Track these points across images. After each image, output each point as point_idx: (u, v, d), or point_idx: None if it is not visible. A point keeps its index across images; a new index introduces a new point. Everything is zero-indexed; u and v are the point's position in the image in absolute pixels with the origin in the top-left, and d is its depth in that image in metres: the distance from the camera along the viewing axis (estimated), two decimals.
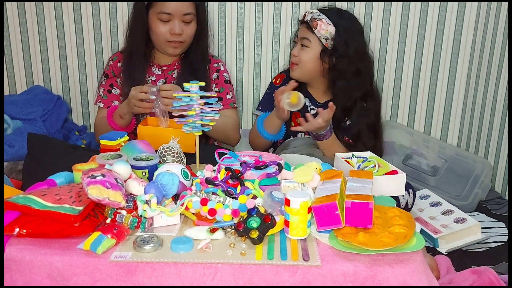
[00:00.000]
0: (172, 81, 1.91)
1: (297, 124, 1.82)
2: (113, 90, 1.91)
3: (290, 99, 1.64)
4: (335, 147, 1.77)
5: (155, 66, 1.93)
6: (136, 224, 1.10)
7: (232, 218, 1.11)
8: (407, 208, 1.55)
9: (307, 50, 1.83)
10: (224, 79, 1.96)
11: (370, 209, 1.05)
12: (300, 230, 1.06)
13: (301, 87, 1.91)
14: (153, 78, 1.91)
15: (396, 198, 1.39)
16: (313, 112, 1.90)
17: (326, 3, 2.11)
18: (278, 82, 1.98)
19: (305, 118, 1.70)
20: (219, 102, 1.89)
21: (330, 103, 1.70)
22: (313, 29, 1.81)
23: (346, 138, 1.86)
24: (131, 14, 1.90)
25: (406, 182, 1.41)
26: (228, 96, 1.95)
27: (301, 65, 1.85)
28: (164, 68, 1.93)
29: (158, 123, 1.61)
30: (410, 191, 1.57)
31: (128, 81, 1.82)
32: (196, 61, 1.89)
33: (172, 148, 1.40)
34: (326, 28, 1.80)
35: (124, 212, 1.11)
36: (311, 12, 1.84)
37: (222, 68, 1.98)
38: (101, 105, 1.90)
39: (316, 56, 1.82)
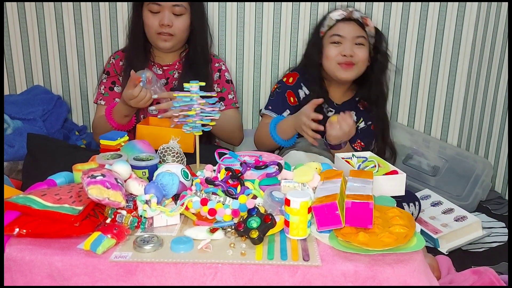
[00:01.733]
0: (174, 82, 1.91)
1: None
2: (115, 88, 1.91)
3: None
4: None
5: (156, 66, 1.93)
6: (136, 224, 1.10)
7: (232, 218, 1.11)
8: None
9: (364, 48, 1.78)
10: (225, 79, 1.96)
11: (370, 209, 1.05)
12: (300, 230, 1.06)
13: (321, 89, 1.85)
14: None
15: (401, 207, 1.38)
16: (330, 114, 1.87)
17: (325, 4, 2.11)
18: (291, 81, 1.88)
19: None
20: (221, 102, 1.90)
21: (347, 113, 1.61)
22: (365, 26, 1.79)
23: (359, 141, 1.85)
24: (130, 14, 1.91)
25: (413, 194, 1.40)
26: (230, 96, 1.95)
27: (360, 64, 1.78)
28: (165, 68, 1.93)
29: (169, 120, 1.60)
30: (416, 203, 1.56)
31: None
32: (197, 61, 1.89)
33: (172, 148, 1.40)
34: (373, 26, 1.82)
35: (124, 212, 1.11)
36: (357, 11, 1.81)
37: (223, 67, 1.97)
38: (102, 102, 1.89)
39: (368, 54, 1.80)
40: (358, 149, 1.85)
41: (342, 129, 1.56)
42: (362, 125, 1.90)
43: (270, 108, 1.86)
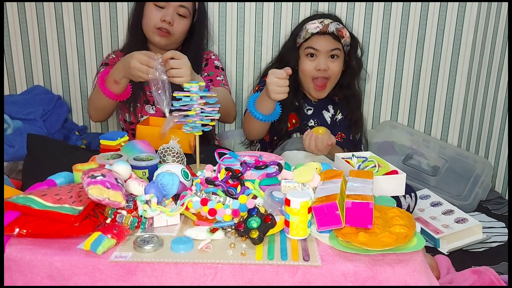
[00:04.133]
0: None
1: (292, 125, 1.88)
2: None
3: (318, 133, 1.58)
4: (335, 150, 1.77)
5: None
6: (136, 224, 1.10)
7: (232, 218, 1.11)
8: (409, 211, 1.55)
9: (338, 60, 1.84)
10: (214, 65, 1.96)
11: (370, 209, 1.05)
12: (300, 230, 1.06)
13: (297, 89, 1.91)
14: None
15: (397, 200, 1.39)
16: (309, 112, 1.92)
17: (325, 4, 2.12)
18: None
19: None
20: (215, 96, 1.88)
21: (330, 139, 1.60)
22: (341, 39, 1.82)
23: (339, 132, 1.93)
24: (132, 8, 1.93)
25: (409, 186, 1.40)
26: (219, 78, 1.92)
27: (333, 78, 1.84)
28: None
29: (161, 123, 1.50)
30: (412, 194, 1.57)
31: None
32: (192, 62, 1.89)
33: (172, 148, 1.39)
34: (348, 36, 1.86)
35: (124, 212, 1.11)
36: (332, 22, 1.82)
37: (212, 57, 1.99)
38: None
39: (342, 65, 1.86)
40: (340, 140, 1.92)
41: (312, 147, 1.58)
42: (339, 116, 1.96)
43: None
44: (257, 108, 1.67)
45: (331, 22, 1.82)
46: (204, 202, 1.12)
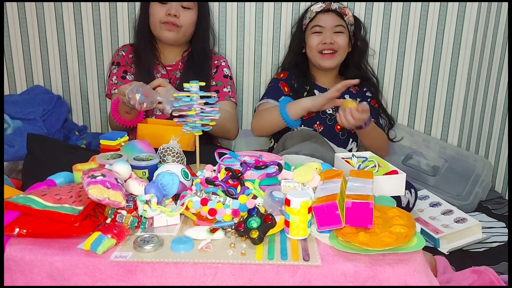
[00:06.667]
0: (176, 81, 1.91)
1: (308, 114, 1.90)
2: (127, 76, 1.92)
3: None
4: (374, 131, 1.82)
5: (161, 66, 1.94)
6: (136, 224, 1.10)
7: (232, 218, 1.11)
8: (408, 208, 1.55)
9: (343, 36, 1.91)
10: (223, 74, 1.96)
11: (370, 209, 1.05)
12: (301, 230, 1.06)
13: (306, 77, 1.96)
14: (159, 75, 1.92)
15: (397, 197, 1.39)
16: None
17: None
18: (282, 76, 1.99)
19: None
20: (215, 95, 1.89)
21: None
22: (344, 16, 1.92)
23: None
24: (138, 11, 1.94)
25: (408, 182, 1.41)
26: (225, 90, 1.94)
27: (341, 51, 1.91)
28: (168, 68, 1.94)
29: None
30: (412, 190, 1.58)
31: (141, 73, 1.85)
32: (198, 61, 1.90)
33: (172, 148, 1.39)
34: (351, 15, 1.96)
35: (124, 212, 1.11)
36: (334, 2, 1.94)
37: (223, 64, 1.98)
38: (117, 91, 1.88)
39: (348, 41, 1.93)
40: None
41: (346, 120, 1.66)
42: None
43: (266, 97, 1.95)
44: (288, 111, 1.80)
45: (333, 2, 1.94)
46: (204, 202, 1.12)
